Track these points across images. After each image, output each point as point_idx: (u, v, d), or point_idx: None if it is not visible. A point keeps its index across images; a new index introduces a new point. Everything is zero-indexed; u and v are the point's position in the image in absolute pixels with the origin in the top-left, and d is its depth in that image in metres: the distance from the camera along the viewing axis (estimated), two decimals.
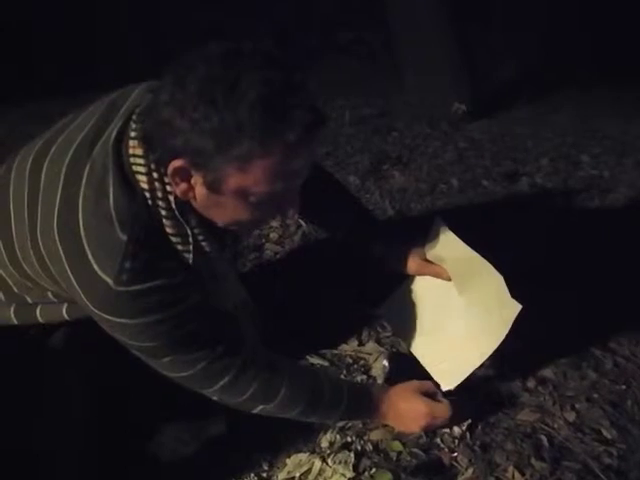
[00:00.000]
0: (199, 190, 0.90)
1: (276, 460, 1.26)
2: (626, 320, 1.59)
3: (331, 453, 1.24)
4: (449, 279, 1.32)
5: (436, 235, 1.30)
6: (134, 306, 0.93)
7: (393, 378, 1.41)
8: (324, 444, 1.27)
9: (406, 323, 1.40)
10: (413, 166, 2.73)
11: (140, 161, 0.91)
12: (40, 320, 1.09)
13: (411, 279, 1.39)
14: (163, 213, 0.93)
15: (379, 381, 1.43)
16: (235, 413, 1.15)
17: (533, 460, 1.22)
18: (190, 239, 0.95)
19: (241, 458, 1.26)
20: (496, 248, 1.25)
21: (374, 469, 1.21)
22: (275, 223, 2.07)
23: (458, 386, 1.28)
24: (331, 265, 1.82)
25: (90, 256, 0.90)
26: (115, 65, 3.71)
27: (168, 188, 0.92)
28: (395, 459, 1.24)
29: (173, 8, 4.66)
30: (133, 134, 0.91)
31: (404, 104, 3.59)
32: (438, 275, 1.33)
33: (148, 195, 0.92)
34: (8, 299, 1.09)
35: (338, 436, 1.28)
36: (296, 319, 1.61)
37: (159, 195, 0.92)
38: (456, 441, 1.27)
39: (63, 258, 0.92)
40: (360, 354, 1.53)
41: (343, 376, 1.46)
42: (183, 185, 0.89)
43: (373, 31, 4.64)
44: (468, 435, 1.28)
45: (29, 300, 1.08)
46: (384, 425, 1.29)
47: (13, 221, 0.99)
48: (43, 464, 1.10)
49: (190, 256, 0.96)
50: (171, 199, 0.92)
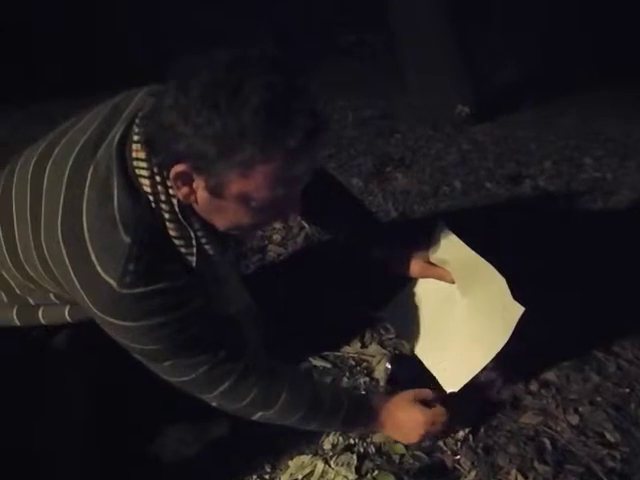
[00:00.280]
0: (201, 194, 0.90)
1: (278, 462, 1.26)
2: (629, 323, 1.59)
3: (334, 455, 1.24)
4: (452, 282, 1.32)
5: (439, 238, 1.30)
6: (137, 309, 0.92)
7: (395, 380, 1.41)
8: (327, 446, 1.27)
9: (409, 325, 1.40)
10: (416, 168, 2.73)
11: (143, 164, 0.91)
12: (42, 322, 1.09)
13: (414, 282, 1.39)
14: (166, 216, 0.93)
15: (381, 383, 1.43)
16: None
17: (536, 463, 1.22)
18: (193, 242, 0.95)
19: (243, 460, 1.26)
20: (499, 250, 1.25)
21: (377, 471, 1.21)
22: (278, 225, 2.07)
23: (461, 388, 1.27)
24: (334, 267, 1.82)
25: (93, 258, 0.90)
26: (115, 65, 3.72)
27: (171, 192, 0.92)
28: (398, 462, 1.24)
29: (173, 8, 4.66)
30: (136, 138, 0.91)
31: (406, 106, 3.59)
32: (441, 278, 1.33)
33: (151, 198, 0.92)
34: (11, 300, 1.09)
35: (341, 438, 1.28)
36: (299, 321, 1.61)
37: (162, 198, 0.92)
38: (459, 444, 1.27)
39: (66, 260, 0.92)
40: (363, 356, 1.52)
41: (346, 378, 1.46)
42: (185, 189, 0.89)
43: (374, 32, 4.65)
44: (471, 438, 1.28)
45: (31, 302, 1.08)
46: None
47: (16, 223, 0.99)
48: (44, 465, 1.10)
49: (193, 259, 0.96)
50: (174, 202, 0.92)
